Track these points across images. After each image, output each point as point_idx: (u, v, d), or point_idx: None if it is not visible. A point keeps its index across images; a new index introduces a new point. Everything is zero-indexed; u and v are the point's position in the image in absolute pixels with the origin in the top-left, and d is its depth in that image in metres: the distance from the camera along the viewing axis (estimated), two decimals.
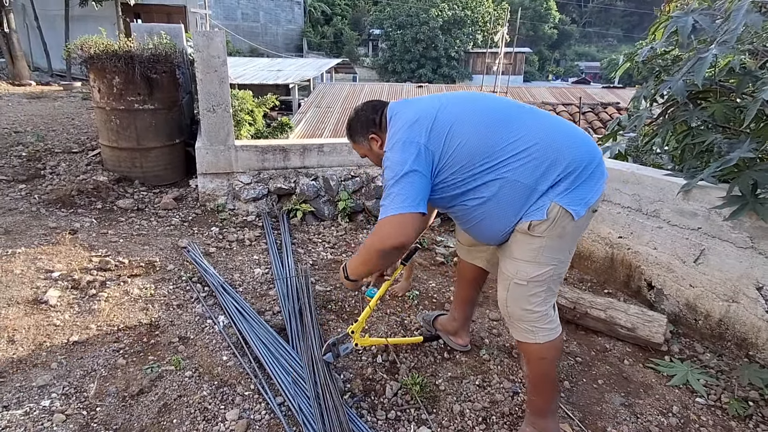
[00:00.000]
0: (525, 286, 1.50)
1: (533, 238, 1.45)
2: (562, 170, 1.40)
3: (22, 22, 11.20)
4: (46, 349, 1.95)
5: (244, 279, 2.67)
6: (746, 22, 2.06)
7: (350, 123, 1.70)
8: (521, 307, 1.52)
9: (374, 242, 1.46)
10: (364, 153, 1.72)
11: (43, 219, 3.17)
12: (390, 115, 1.58)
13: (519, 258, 1.49)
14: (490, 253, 1.87)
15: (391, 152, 1.46)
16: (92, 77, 3.75)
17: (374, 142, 1.65)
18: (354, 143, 1.73)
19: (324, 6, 34.05)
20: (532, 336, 1.53)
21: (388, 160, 1.46)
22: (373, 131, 1.64)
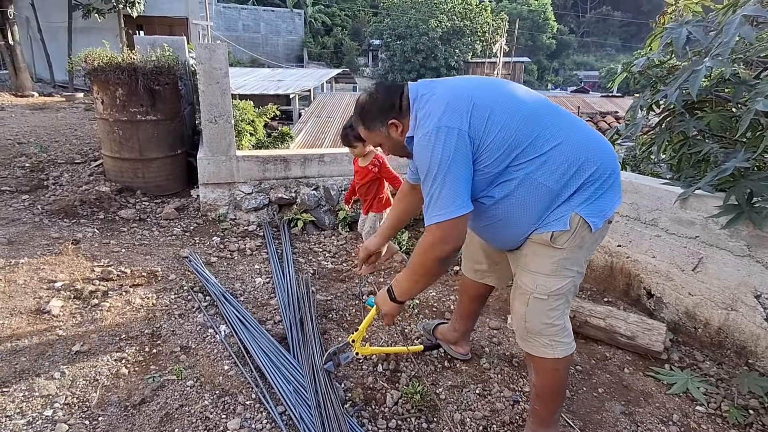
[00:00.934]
0: (545, 301, 1.44)
1: (555, 250, 1.39)
2: (590, 175, 1.35)
3: (25, 34, 11.33)
4: (49, 358, 1.96)
5: (246, 288, 2.68)
6: (739, 35, 2.10)
7: (363, 107, 1.50)
8: (541, 321, 1.46)
9: (432, 252, 1.35)
10: (379, 142, 1.54)
11: (46, 229, 3.19)
12: (413, 97, 1.42)
13: (538, 272, 1.43)
14: (498, 270, 1.83)
15: (427, 141, 1.30)
16: (96, 89, 3.79)
17: (394, 129, 1.47)
18: (367, 131, 1.52)
19: (324, 17, 34.42)
20: (551, 351, 1.48)
21: (426, 150, 1.30)
22: (393, 116, 1.46)
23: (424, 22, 29.41)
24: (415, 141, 1.36)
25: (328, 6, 35.47)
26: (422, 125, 1.34)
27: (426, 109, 1.36)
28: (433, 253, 1.36)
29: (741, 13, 2.12)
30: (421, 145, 1.32)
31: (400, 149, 1.52)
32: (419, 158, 1.34)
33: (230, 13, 31.40)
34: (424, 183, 1.34)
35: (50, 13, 11.53)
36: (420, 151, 1.33)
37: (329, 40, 33.38)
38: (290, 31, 33.05)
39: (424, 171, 1.32)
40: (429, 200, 1.32)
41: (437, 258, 1.36)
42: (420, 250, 1.40)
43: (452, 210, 1.28)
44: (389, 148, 1.56)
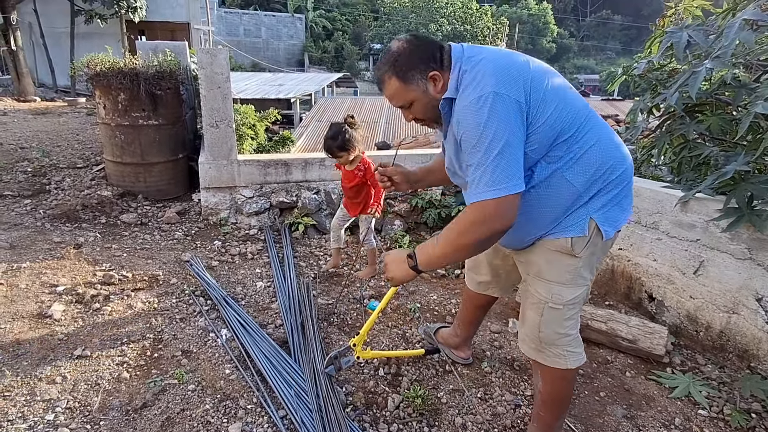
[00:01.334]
0: (560, 310, 1.39)
1: (572, 258, 1.34)
2: (613, 179, 1.30)
3: (28, 39, 11.41)
4: (51, 363, 1.96)
5: (247, 292, 2.68)
6: (739, 39, 2.11)
7: (399, 54, 1.27)
8: (556, 331, 1.42)
9: (475, 231, 1.20)
10: (412, 99, 1.30)
11: (48, 234, 3.20)
12: (457, 55, 1.27)
13: (554, 280, 1.38)
14: (502, 281, 1.79)
15: (480, 105, 1.15)
16: (98, 94, 3.81)
17: (433, 83, 1.28)
18: (402, 83, 1.28)
19: (325, 21, 34.59)
20: (564, 361, 1.44)
21: (477, 115, 1.15)
22: (434, 68, 1.27)
23: (424, 26, 29.55)
24: (460, 105, 1.21)
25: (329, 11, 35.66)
26: (472, 88, 1.18)
27: (476, 71, 1.20)
28: (475, 233, 1.21)
29: (741, 17, 2.13)
30: (472, 110, 1.16)
31: (432, 110, 1.32)
32: (467, 124, 1.18)
33: (231, 18, 31.57)
34: (472, 152, 1.18)
35: (53, 18, 11.61)
36: (468, 116, 1.17)
37: (330, 45, 33.54)
38: (291, 36, 33.22)
39: (473, 139, 1.16)
40: (479, 174, 1.17)
41: (478, 239, 1.21)
42: (460, 227, 1.24)
43: (508, 186, 1.15)
44: (420, 109, 1.33)
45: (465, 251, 1.29)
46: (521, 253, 1.48)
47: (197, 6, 12.88)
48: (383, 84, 1.32)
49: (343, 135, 2.56)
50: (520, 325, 1.55)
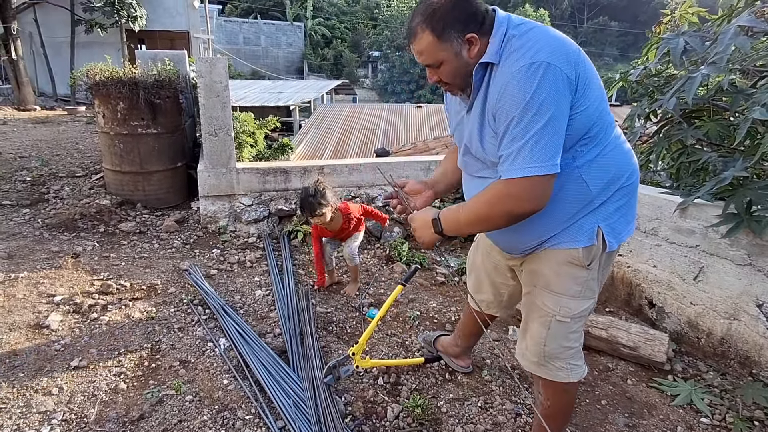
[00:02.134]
0: (568, 323, 1.35)
1: (581, 270, 1.29)
2: (626, 187, 1.27)
3: (28, 49, 11.46)
4: (47, 374, 1.95)
5: (245, 301, 2.67)
6: (735, 45, 2.12)
7: (438, 7, 1.15)
8: (561, 344, 1.38)
9: (506, 203, 1.14)
10: (443, 58, 1.19)
11: (46, 243, 3.19)
12: (503, 20, 1.18)
13: (563, 293, 1.33)
14: (503, 302, 1.73)
15: (532, 73, 1.07)
16: (97, 103, 3.82)
17: (468, 46, 1.18)
18: (437, 39, 1.16)
19: (324, 29, 34.81)
20: (566, 374, 1.41)
21: (527, 84, 1.07)
22: (473, 30, 1.17)
23: None
24: (506, 70, 1.11)
25: (327, 19, 35.89)
26: (522, 53, 1.10)
27: (527, 38, 1.13)
28: (506, 205, 1.14)
29: (736, 23, 2.14)
30: (520, 76, 1.08)
31: (461, 75, 1.21)
32: (512, 91, 1.09)
33: (231, 27, 31.78)
34: (513, 123, 1.09)
35: (53, 28, 11.68)
36: (515, 83, 1.08)
37: (329, 52, 33.73)
38: (290, 44, 33.41)
39: (515, 108, 1.08)
40: (516, 147, 1.09)
41: (510, 212, 1.15)
42: (489, 198, 1.17)
43: (547, 165, 1.08)
44: (449, 71, 1.21)
45: (488, 223, 1.23)
46: (526, 263, 1.43)
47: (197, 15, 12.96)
48: (415, 36, 1.19)
49: (316, 195, 2.48)
50: (521, 339, 1.51)
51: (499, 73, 1.15)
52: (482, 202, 1.20)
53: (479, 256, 1.73)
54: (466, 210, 1.25)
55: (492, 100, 1.16)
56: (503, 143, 1.13)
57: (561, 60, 1.09)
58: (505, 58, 1.14)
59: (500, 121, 1.14)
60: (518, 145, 1.09)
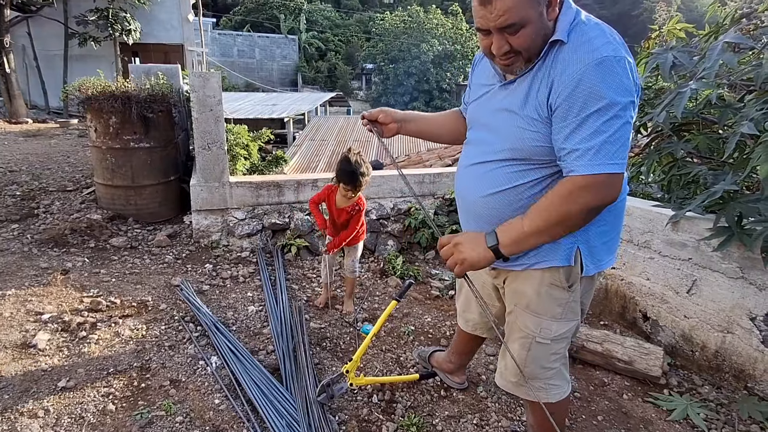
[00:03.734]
0: (548, 345, 1.34)
1: (564, 291, 1.28)
2: (619, 202, 1.23)
3: (21, 61, 11.42)
4: (33, 395, 1.90)
5: (238, 317, 2.64)
6: (723, 60, 2.16)
7: None
8: (541, 365, 1.37)
9: (587, 198, 1.06)
10: (529, 18, 1.06)
11: (35, 259, 3.15)
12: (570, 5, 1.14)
13: (543, 314, 1.32)
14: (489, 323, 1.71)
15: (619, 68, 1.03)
16: (89, 117, 3.80)
17: (549, 7, 1.10)
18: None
19: (318, 42, 35.12)
20: (545, 394, 1.40)
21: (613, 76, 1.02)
22: None
23: (416, 46, 30.06)
24: (586, 56, 1.04)
25: (321, 32, 36.23)
26: (601, 44, 1.05)
27: (599, 29, 1.09)
28: (586, 200, 1.06)
29: (722, 40, 2.18)
30: (606, 69, 1.02)
31: (539, 40, 1.11)
32: (596, 83, 1.02)
33: (225, 40, 31.95)
34: (597, 116, 1.03)
35: (46, 41, 11.66)
36: (601, 75, 1.02)
37: (323, 65, 33.97)
38: (285, 56, 33.63)
39: (600, 101, 1.02)
40: (602, 139, 1.03)
41: (590, 207, 1.07)
42: (569, 194, 1.07)
43: (623, 164, 1.06)
44: (529, 35, 1.09)
45: (563, 224, 1.11)
46: (508, 281, 1.41)
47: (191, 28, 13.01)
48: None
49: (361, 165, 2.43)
50: (501, 358, 1.49)
51: (568, 54, 1.08)
52: (557, 200, 1.09)
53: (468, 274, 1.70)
54: (533, 214, 1.13)
55: (556, 80, 1.08)
56: (577, 135, 1.05)
57: (626, 51, 1.07)
58: (579, 42, 1.07)
59: (573, 107, 1.05)
60: (601, 139, 1.03)
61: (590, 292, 1.43)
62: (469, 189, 1.35)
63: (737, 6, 2.68)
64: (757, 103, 2.08)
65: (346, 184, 2.45)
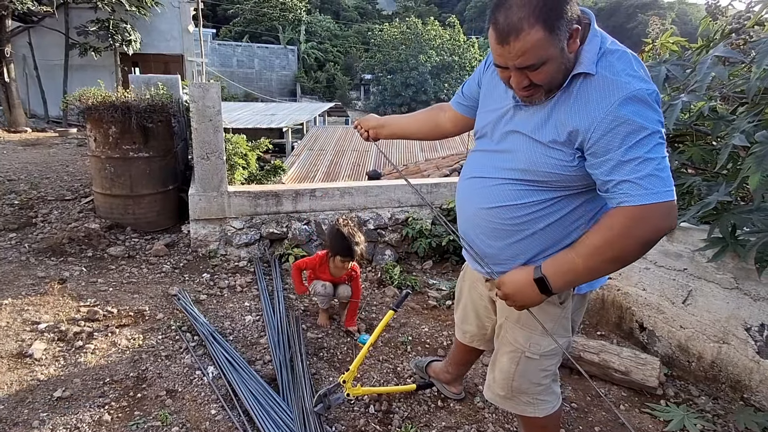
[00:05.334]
0: (537, 360, 1.33)
1: (555, 307, 1.29)
2: None
3: (21, 71, 11.49)
4: (28, 405, 1.89)
5: (235, 327, 2.63)
6: (713, 74, 2.20)
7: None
8: (530, 381, 1.37)
9: (644, 230, 1.02)
10: (550, 56, 1.03)
11: (32, 268, 3.14)
12: (595, 29, 1.10)
13: (533, 329, 1.31)
14: (487, 335, 1.68)
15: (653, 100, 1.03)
16: (89, 126, 3.83)
17: (571, 40, 1.05)
18: (547, 32, 1.00)
19: (317, 53, 35.43)
20: (532, 409, 1.40)
21: (648, 109, 1.02)
22: (576, 19, 1.04)
23: (414, 57, 30.35)
24: (614, 89, 1.03)
25: (320, 42, 36.56)
26: (632, 75, 1.04)
27: (627, 59, 1.07)
28: (644, 232, 1.02)
29: (712, 53, 2.23)
30: (644, 99, 1.02)
31: (560, 74, 1.08)
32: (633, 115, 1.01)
33: (225, 50, 32.21)
34: (638, 146, 1.01)
35: (47, 51, 11.74)
36: (637, 107, 1.01)
37: (322, 75, 34.24)
38: (284, 67, 33.89)
39: (642, 132, 1.01)
40: (651, 169, 1.00)
41: (647, 240, 1.03)
42: (624, 230, 1.03)
43: (671, 191, 1.02)
44: (551, 71, 1.06)
45: (621, 259, 1.07)
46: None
47: (191, 39, 13.11)
48: (518, 34, 1.00)
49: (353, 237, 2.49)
50: (490, 371, 1.50)
51: (599, 87, 1.05)
52: (613, 235, 1.04)
53: (466, 286, 1.70)
54: (586, 252, 1.08)
55: (587, 114, 1.06)
56: (628, 166, 1.01)
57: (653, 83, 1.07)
58: (609, 75, 1.05)
59: (614, 139, 1.03)
60: (652, 166, 1.00)
61: (581, 310, 1.43)
62: (472, 200, 1.32)
63: (727, 21, 2.74)
64: (748, 115, 2.12)
65: (343, 257, 2.51)
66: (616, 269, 1.13)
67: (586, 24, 1.09)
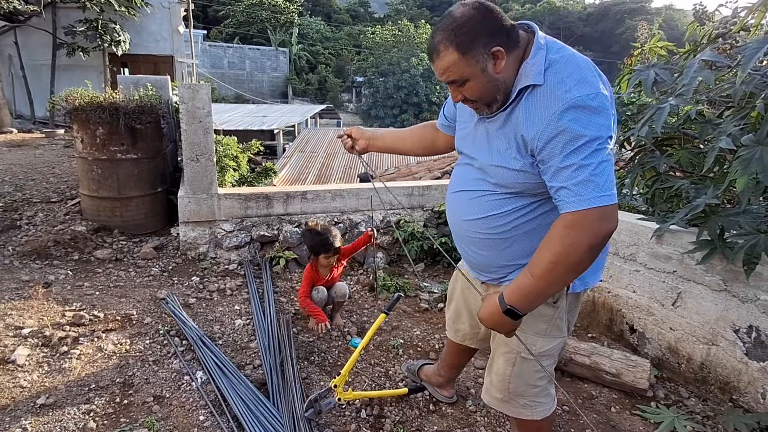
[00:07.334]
0: (532, 361, 1.35)
1: (549, 308, 1.31)
2: None
3: (7, 71, 11.30)
4: (10, 413, 1.84)
5: (224, 331, 2.60)
6: (700, 78, 2.22)
7: (463, 23, 1.09)
8: (526, 382, 1.39)
9: (585, 235, 1.05)
10: (469, 75, 1.13)
11: (16, 272, 3.08)
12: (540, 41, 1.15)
13: (528, 330, 1.33)
14: (480, 334, 1.68)
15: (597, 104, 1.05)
16: (76, 128, 3.77)
17: (494, 61, 1.12)
18: (461, 56, 1.10)
19: (308, 55, 35.36)
20: (530, 411, 1.41)
21: (593, 115, 1.05)
22: (499, 42, 1.10)
23: (406, 60, 30.42)
24: (563, 97, 1.07)
25: (312, 44, 36.51)
26: (575, 81, 1.07)
27: (574, 65, 1.10)
28: (582, 236, 1.04)
29: (699, 58, 2.25)
30: (582, 106, 1.05)
31: (488, 91, 1.15)
32: (573, 121, 1.05)
33: (216, 51, 32.00)
34: (578, 153, 1.05)
35: (34, 51, 11.55)
36: (577, 113, 1.05)
37: (313, 77, 34.16)
38: (275, 68, 33.76)
39: (580, 139, 1.04)
40: (582, 176, 1.04)
41: (590, 244, 1.05)
42: (565, 237, 1.06)
43: (613, 194, 1.06)
44: (476, 88, 1.15)
45: (568, 266, 1.08)
46: None
47: (181, 40, 13.00)
48: (437, 54, 1.13)
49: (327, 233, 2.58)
50: (487, 374, 1.50)
51: (544, 96, 1.10)
52: (555, 244, 1.08)
53: (458, 285, 1.72)
54: (534, 265, 1.12)
55: (534, 123, 1.11)
56: (564, 173, 1.07)
57: (600, 88, 1.09)
58: (554, 83, 1.09)
59: (555, 147, 1.08)
60: (587, 173, 1.04)
61: (576, 310, 1.44)
62: (458, 213, 1.38)
63: (714, 26, 2.78)
64: (734, 118, 2.15)
65: (327, 252, 2.58)
66: (574, 277, 1.14)
67: (530, 37, 1.16)
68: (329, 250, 2.57)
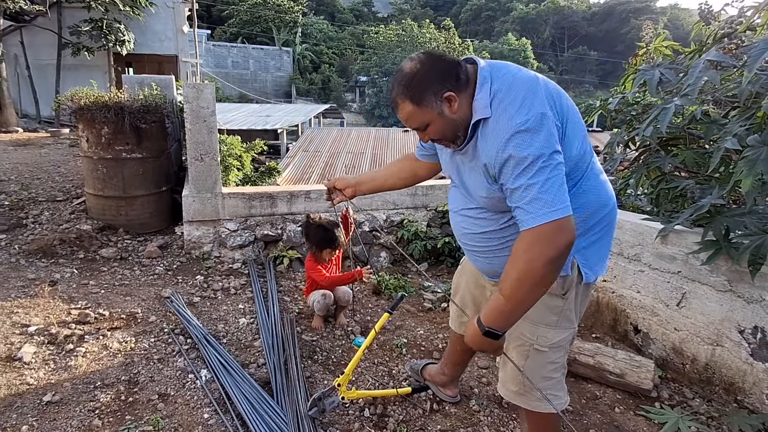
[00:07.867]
0: (546, 353, 1.38)
1: (558, 299, 1.34)
2: (601, 216, 1.32)
3: (13, 71, 11.37)
4: (17, 410, 1.86)
5: (229, 329, 2.61)
6: (705, 78, 2.21)
7: (412, 77, 1.20)
8: (540, 374, 1.41)
9: (543, 250, 1.10)
10: (428, 120, 1.24)
11: (22, 270, 3.10)
12: (485, 75, 1.22)
13: (538, 321, 1.37)
14: None
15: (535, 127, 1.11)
16: (81, 127, 3.79)
17: (449, 104, 1.21)
18: (415, 105, 1.21)
19: (312, 55, 35.41)
20: (545, 406, 1.42)
21: (531, 138, 1.11)
22: (450, 88, 1.20)
23: None
24: (505, 125, 1.15)
25: (316, 44, 36.57)
26: (516, 108, 1.15)
27: (515, 92, 1.17)
28: (539, 251, 1.10)
29: (705, 57, 2.24)
30: (523, 130, 1.12)
31: (449, 130, 1.25)
32: (518, 145, 1.12)
33: (220, 51, 32.11)
34: (524, 173, 1.12)
35: (39, 50, 11.63)
36: (520, 138, 1.12)
37: (317, 77, 34.23)
38: (279, 68, 33.84)
39: (525, 162, 1.11)
40: (529, 195, 1.11)
41: (549, 257, 1.10)
42: (524, 254, 1.12)
43: (563, 208, 1.11)
44: (437, 130, 1.26)
45: (533, 280, 1.13)
46: None
47: (186, 39, 13.05)
48: (397, 106, 1.25)
49: (329, 226, 2.57)
50: (502, 368, 1.53)
51: (492, 127, 1.19)
52: (519, 261, 1.14)
53: (464, 278, 1.76)
54: (504, 284, 1.17)
55: (488, 152, 1.20)
56: (516, 194, 1.15)
57: (551, 108, 1.16)
58: (500, 113, 1.17)
59: (506, 172, 1.16)
60: (534, 191, 1.11)
61: (586, 300, 1.46)
62: (463, 229, 1.47)
63: (720, 26, 2.76)
64: (740, 119, 2.13)
65: (332, 248, 2.60)
66: (543, 290, 1.18)
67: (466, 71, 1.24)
68: (335, 247, 2.59)
